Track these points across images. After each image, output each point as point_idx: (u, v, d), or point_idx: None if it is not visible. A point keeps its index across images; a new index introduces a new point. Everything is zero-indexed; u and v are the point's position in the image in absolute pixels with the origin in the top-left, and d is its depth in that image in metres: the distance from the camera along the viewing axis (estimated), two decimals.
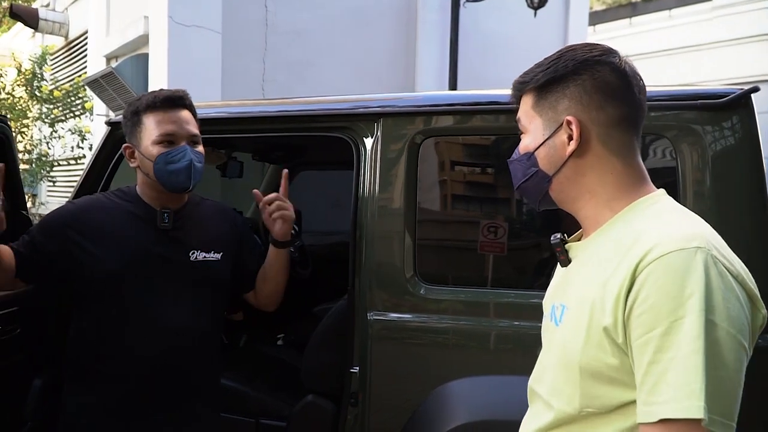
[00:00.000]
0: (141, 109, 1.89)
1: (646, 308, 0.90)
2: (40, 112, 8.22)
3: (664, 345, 0.87)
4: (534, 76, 1.10)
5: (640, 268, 0.91)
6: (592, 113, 1.05)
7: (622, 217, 1.05)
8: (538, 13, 7.70)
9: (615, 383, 0.96)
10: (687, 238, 0.91)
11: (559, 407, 1.05)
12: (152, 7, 6.09)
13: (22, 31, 11.32)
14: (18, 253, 1.82)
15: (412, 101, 2.10)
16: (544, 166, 1.10)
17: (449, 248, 2.19)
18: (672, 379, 0.86)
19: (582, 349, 0.99)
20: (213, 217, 2.08)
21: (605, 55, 1.06)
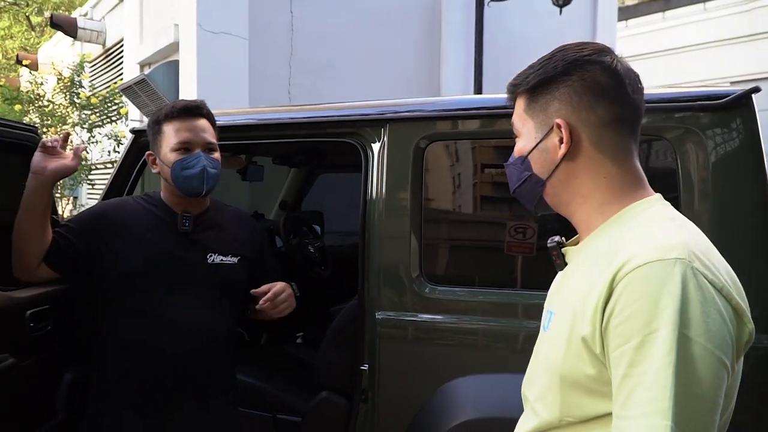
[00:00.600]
0: (161, 118, 2.01)
1: (622, 320, 0.87)
2: (79, 118, 8.48)
3: (637, 359, 0.84)
4: (525, 78, 1.07)
5: (618, 278, 0.89)
6: (582, 114, 1.01)
7: (613, 223, 1.01)
8: (564, 11, 7.65)
9: (593, 393, 0.94)
10: (667, 249, 0.88)
11: (542, 414, 1.03)
12: (182, 15, 6.26)
13: (63, 40, 11.67)
14: (53, 240, 1.95)
15: (417, 107, 2.16)
16: (537, 170, 1.08)
17: (454, 249, 2.25)
18: (641, 395, 0.83)
19: (563, 357, 0.97)
20: (233, 222, 2.17)
21: (596, 54, 1.02)
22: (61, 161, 1.94)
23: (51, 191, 1.98)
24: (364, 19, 6.88)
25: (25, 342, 2.00)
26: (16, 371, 1.93)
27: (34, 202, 1.90)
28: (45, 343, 2.09)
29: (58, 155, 1.94)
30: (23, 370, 1.97)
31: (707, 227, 1.76)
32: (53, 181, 1.96)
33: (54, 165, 1.92)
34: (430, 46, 7.53)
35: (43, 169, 1.91)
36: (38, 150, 1.93)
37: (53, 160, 1.93)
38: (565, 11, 7.63)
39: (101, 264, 1.96)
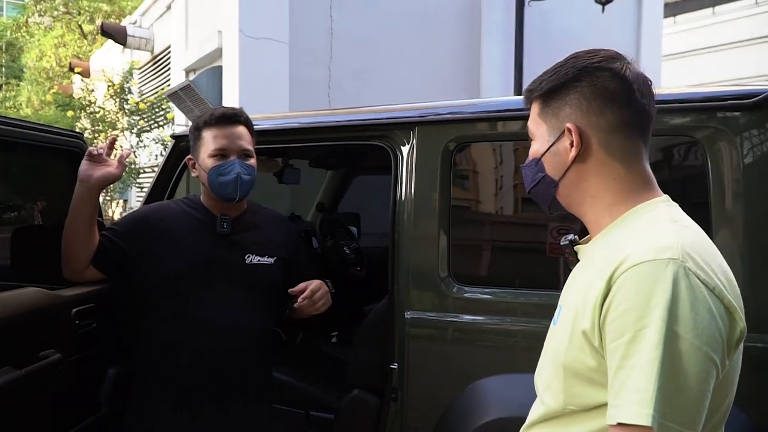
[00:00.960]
0: (201, 125, 2.09)
1: (617, 315, 0.92)
2: (128, 124, 8.76)
3: (629, 352, 0.90)
4: (539, 84, 1.13)
5: (615, 276, 0.94)
6: (591, 119, 1.06)
7: (619, 223, 1.06)
8: (607, 9, 7.54)
9: (594, 384, 0.99)
10: (661, 249, 0.93)
11: (548, 402, 1.09)
12: (225, 22, 6.41)
13: (113, 48, 12.06)
14: (99, 243, 2.04)
15: (445, 110, 2.18)
16: (550, 172, 1.13)
17: (482, 250, 2.27)
18: (630, 385, 0.88)
19: (566, 349, 1.03)
20: (269, 224, 2.24)
21: (605, 61, 1.07)
22: (107, 169, 2.01)
23: (97, 198, 2.06)
24: (403, 21, 6.92)
25: (71, 338, 2.10)
26: (63, 366, 2.03)
27: (81, 209, 1.99)
28: (90, 340, 2.18)
29: (103, 163, 2.02)
30: (69, 365, 2.07)
31: (741, 227, 1.75)
32: (99, 188, 2.03)
33: (100, 173, 2.00)
34: (470, 47, 7.52)
35: (90, 177, 1.98)
36: (85, 158, 2.01)
37: (99, 168, 2.00)
38: (608, 9, 7.53)
39: (143, 266, 2.04)
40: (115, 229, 2.08)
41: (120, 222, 2.16)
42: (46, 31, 18.43)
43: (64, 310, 2.06)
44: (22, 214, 2.53)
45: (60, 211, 2.32)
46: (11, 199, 2.50)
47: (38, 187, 2.49)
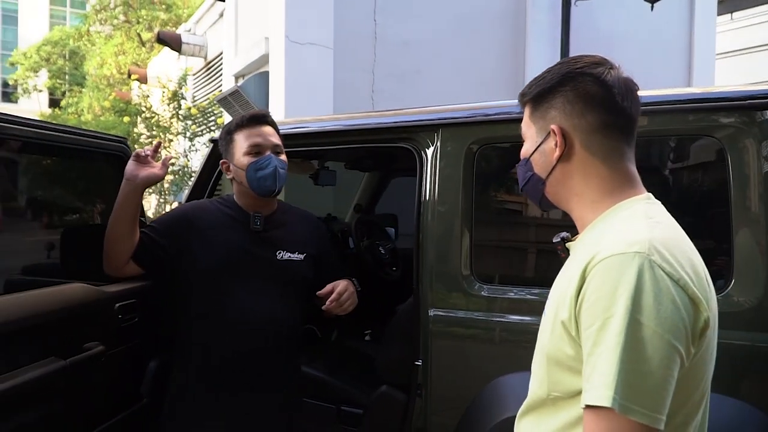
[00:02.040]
0: (232, 128, 2.22)
1: (588, 305, 0.99)
2: (182, 128, 9.05)
3: (598, 339, 0.96)
4: (530, 89, 1.22)
5: (588, 269, 1.01)
6: (574, 121, 1.14)
7: (601, 220, 1.13)
8: (657, 7, 7.36)
9: (573, 371, 1.05)
10: (630, 243, 0.99)
11: (534, 390, 1.17)
12: (272, 29, 6.56)
13: (170, 54, 12.45)
14: (140, 240, 2.16)
15: (468, 112, 2.22)
16: (538, 170, 1.22)
17: (503, 249, 2.30)
18: (598, 370, 0.94)
19: (549, 338, 1.10)
20: (299, 222, 2.34)
21: (588, 66, 1.14)
22: (151, 170, 2.14)
23: (141, 196, 2.18)
24: (446, 24, 6.94)
25: (114, 332, 2.22)
26: (105, 358, 2.15)
27: (126, 206, 2.11)
28: (131, 334, 2.29)
29: (148, 164, 2.14)
30: (112, 357, 2.19)
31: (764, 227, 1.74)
32: (143, 187, 2.16)
33: (145, 173, 2.12)
34: (514, 48, 7.47)
35: (136, 176, 2.11)
36: (132, 159, 2.14)
37: (144, 168, 2.13)
38: (658, 7, 7.35)
39: (182, 261, 2.16)
40: (155, 227, 2.19)
41: (159, 220, 2.27)
42: (107, 40, 19.17)
43: (107, 305, 2.17)
44: (71, 215, 2.68)
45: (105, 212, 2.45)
46: (61, 201, 2.66)
47: (85, 190, 2.64)
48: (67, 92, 23.98)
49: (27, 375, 1.78)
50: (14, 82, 27.25)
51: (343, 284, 2.23)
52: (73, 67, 24.84)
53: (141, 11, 17.52)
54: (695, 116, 1.87)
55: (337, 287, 2.20)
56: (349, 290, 2.24)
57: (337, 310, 2.19)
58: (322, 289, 2.20)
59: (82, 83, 21.87)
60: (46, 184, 2.58)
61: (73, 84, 24.28)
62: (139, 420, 2.31)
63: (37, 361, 1.85)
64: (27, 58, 25.58)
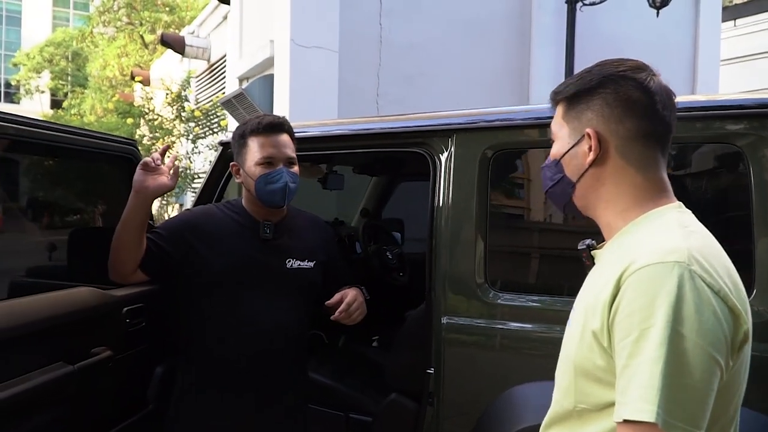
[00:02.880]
0: (247, 132, 2.14)
1: (624, 316, 0.96)
2: (184, 130, 9.03)
3: (635, 351, 0.92)
4: (566, 87, 1.17)
5: (624, 278, 0.97)
6: (611, 126, 1.10)
7: (631, 228, 1.09)
8: (663, 13, 7.35)
9: (603, 383, 1.02)
10: (668, 253, 0.96)
11: (560, 401, 1.13)
12: (277, 32, 6.55)
13: (172, 57, 12.45)
14: (146, 247, 2.11)
15: (482, 118, 2.20)
16: (569, 173, 1.17)
17: (518, 257, 2.27)
18: (636, 382, 0.91)
19: (577, 348, 1.06)
20: (308, 229, 2.30)
21: (631, 70, 1.10)
22: (161, 180, 2.07)
23: (150, 207, 2.12)
24: (452, 28, 6.92)
25: (122, 336, 2.19)
26: (113, 363, 2.12)
27: (134, 217, 2.04)
28: (138, 338, 2.27)
29: (158, 172, 2.07)
30: (119, 362, 2.16)
31: None
32: (153, 198, 2.10)
33: (155, 184, 2.05)
34: (519, 52, 7.45)
35: (146, 188, 2.04)
36: (139, 168, 2.06)
37: (153, 178, 2.06)
38: (663, 13, 7.34)
39: (188, 269, 2.11)
40: (161, 233, 2.14)
41: (165, 225, 2.21)
42: (110, 41, 19.19)
43: (115, 309, 2.14)
44: (78, 217, 2.65)
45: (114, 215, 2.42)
46: (68, 203, 2.63)
47: (93, 192, 2.61)
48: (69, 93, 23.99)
49: (35, 380, 1.75)
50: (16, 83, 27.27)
51: (352, 294, 2.19)
52: (75, 68, 24.87)
53: (144, 13, 17.53)
54: (716, 123, 1.84)
55: (346, 297, 2.16)
56: (359, 300, 2.20)
57: (346, 320, 2.15)
58: (331, 299, 2.16)
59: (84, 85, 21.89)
60: (54, 185, 2.55)
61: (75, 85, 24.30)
62: (145, 426, 2.28)
63: (45, 366, 1.82)
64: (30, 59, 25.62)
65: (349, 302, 2.14)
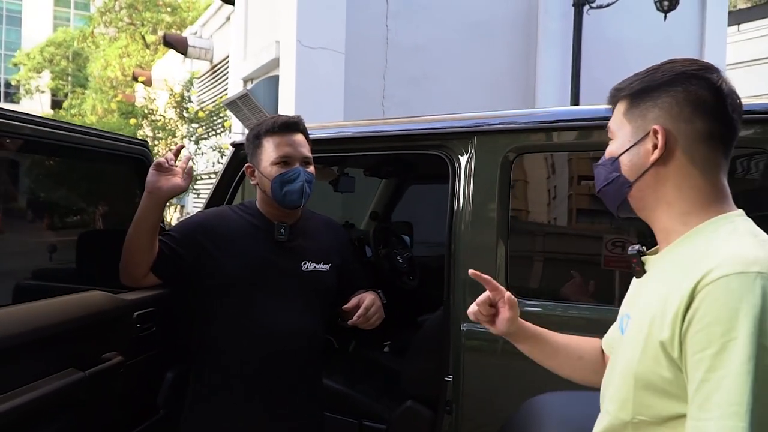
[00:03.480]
0: (262, 132, 2.09)
1: (701, 327, 0.91)
2: (187, 131, 8.98)
3: (716, 365, 0.89)
4: (630, 84, 1.13)
5: (700, 287, 0.93)
6: (680, 125, 1.06)
7: (695, 234, 1.05)
8: (669, 16, 7.33)
9: (667, 395, 0.98)
10: (749, 262, 0.92)
11: (614, 413, 1.09)
12: (283, 33, 6.52)
13: (174, 57, 12.42)
14: (159, 250, 2.06)
15: (505, 119, 2.15)
16: (626, 172, 1.13)
17: (541, 262, 2.22)
18: (720, 398, 0.87)
19: (639, 359, 1.02)
20: (323, 231, 2.25)
21: (702, 70, 1.07)
22: (174, 181, 2.02)
23: (163, 208, 2.08)
24: (458, 30, 6.90)
25: (132, 341, 2.15)
26: (124, 369, 2.07)
27: (147, 219, 2.00)
28: (150, 343, 2.23)
29: (171, 173, 2.03)
30: (130, 368, 2.12)
31: None
32: (167, 200, 2.05)
33: (168, 185, 2.00)
34: (525, 56, 7.43)
35: (159, 189, 1.99)
36: (152, 168, 2.02)
37: (167, 179, 2.01)
38: (670, 16, 7.32)
39: (201, 271, 2.07)
40: (173, 236, 2.10)
41: (177, 228, 2.17)
42: (111, 42, 19.15)
43: (126, 313, 2.11)
44: (88, 219, 2.60)
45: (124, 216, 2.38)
46: (78, 204, 2.58)
47: (104, 193, 2.56)
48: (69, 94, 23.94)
49: (46, 388, 1.70)
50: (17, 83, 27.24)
51: (370, 298, 2.14)
52: (76, 68, 24.84)
53: (146, 14, 17.50)
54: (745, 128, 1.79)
55: (364, 301, 2.11)
56: (376, 304, 2.15)
57: (364, 325, 2.11)
58: (348, 303, 2.11)
59: (85, 85, 21.86)
60: (65, 186, 2.50)
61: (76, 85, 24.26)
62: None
63: (56, 372, 1.77)
64: (30, 59, 25.59)
65: (367, 306, 2.10)
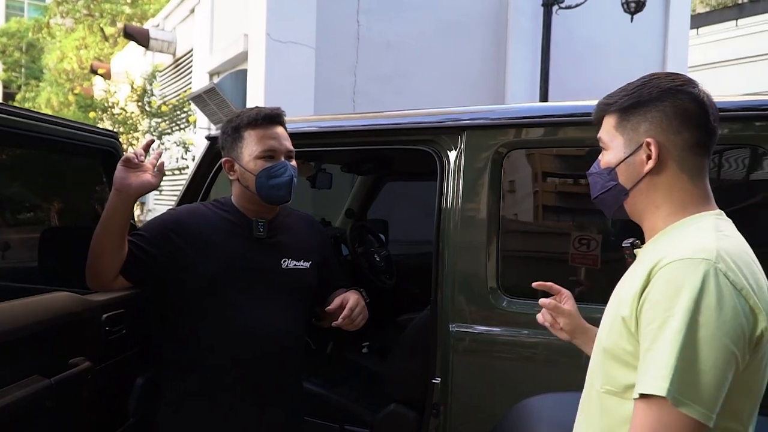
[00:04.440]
0: (242, 125, 1.98)
1: (651, 305, 1.05)
2: (149, 126, 8.75)
3: (657, 336, 1.02)
4: (618, 99, 1.23)
5: (654, 271, 1.07)
6: (670, 136, 1.17)
7: (670, 230, 1.18)
8: (635, 18, 7.45)
9: (627, 366, 1.11)
10: (698, 251, 1.05)
11: (591, 382, 1.24)
12: (252, 26, 6.38)
13: (135, 50, 12.11)
14: (129, 251, 1.91)
15: (496, 114, 2.09)
16: (623, 181, 1.24)
17: (533, 261, 2.16)
18: (654, 363, 1.01)
19: (607, 334, 1.17)
20: (302, 227, 2.16)
21: (686, 85, 1.18)
22: (144, 177, 1.85)
23: (132, 207, 1.92)
24: (429, 27, 6.88)
25: (101, 345, 2.03)
26: (92, 375, 1.95)
27: (114, 218, 1.84)
28: (119, 347, 2.12)
29: (140, 170, 1.86)
30: (98, 374, 2.00)
31: None
32: (136, 198, 1.88)
33: (138, 182, 1.83)
34: (495, 53, 7.46)
35: (128, 186, 1.82)
36: (120, 164, 1.84)
37: (136, 175, 1.84)
38: (635, 19, 7.44)
39: (176, 270, 1.95)
40: (144, 235, 1.96)
41: (148, 227, 2.03)
42: (68, 33, 18.58)
43: (94, 315, 2.00)
44: (52, 215, 2.45)
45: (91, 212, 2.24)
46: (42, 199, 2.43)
47: (70, 187, 2.42)
48: (23, 86, 23.18)
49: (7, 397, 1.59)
50: None
51: (354, 298, 2.05)
52: (30, 60, 24.04)
53: (105, 5, 17.02)
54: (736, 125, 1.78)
55: (348, 301, 2.02)
56: (361, 304, 2.06)
57: (349, 327, 2.02)
58: (331, 305, 2.02)
59: (39, 77, 21.16)
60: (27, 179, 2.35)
61: (29, 78, 23.49)
62: None
63: (19, 380, 1.66)
64: None
65: (352, 307, 2.01)
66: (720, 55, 13.46)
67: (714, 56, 13.46)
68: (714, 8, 16.43)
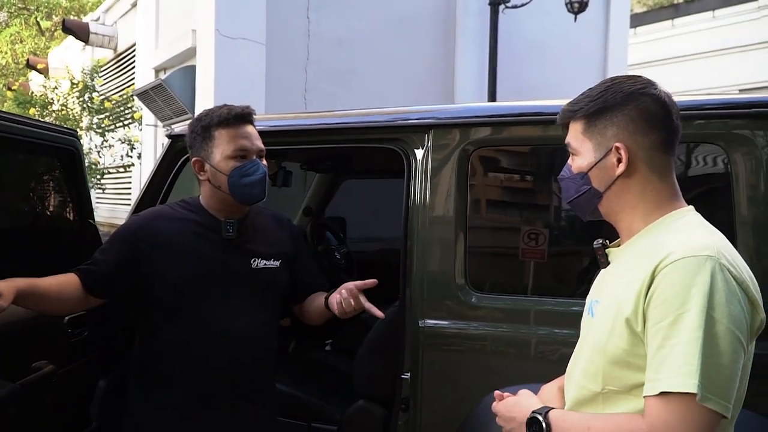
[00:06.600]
0: (213, 124, 1.94)
1: (659, 302, 1.07)
2: (91, 122, 8.45)
3: (670, 333, 1.05)
4: (583, 105, 1.25)
5: (659, 269, 1.09)
6: (637, 138, 1.20)
7: (653, 229, 1.21)
8: (578, 18, 7.65)
9: (632, 367, 1.13)
10: (700, 248, 1.08)
11: (585, 385, 1.24)
12: (200, 21, 6.26)
13: (73, 45, 11.69)
14: (89, 272, 1.88)
15: (462, 112, 2.13)
16: (596, 185, 1.26)
17: (500, 257, 2.21)
18: (673, 361, 1.03)
19: (608, 337, 1.17)
20: (272, 226, 2.13)
21: (647, 87, 1.22)
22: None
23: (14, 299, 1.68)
24: (380, 25, 6.89)
25: (64, 348, 1.98)
26: (54, 378, 1.90)
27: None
28: (82, 349, 2.07)
29: None
30: (61, 377, 1.95)
31: None
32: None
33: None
34: (444, 52, 7.54)
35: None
36: None
37: None
38: (578, 18, 7.64)
39: (145, 278, 1.91)
40: (106, 249, 1.94)
41: (114, 239, 1.99)
42: (2, 27, 17.78)
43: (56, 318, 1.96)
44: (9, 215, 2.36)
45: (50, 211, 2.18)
46: None
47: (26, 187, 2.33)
48: None
49: None
50: None
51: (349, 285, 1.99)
52: None
53: None
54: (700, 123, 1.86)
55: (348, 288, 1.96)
56: None
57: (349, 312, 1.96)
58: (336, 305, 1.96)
59: None
60: None
61: None
62: None
63: None
64: None
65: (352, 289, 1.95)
66: (657, 54, 13.93)
67: (651, 55, 13.92)
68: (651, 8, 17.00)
